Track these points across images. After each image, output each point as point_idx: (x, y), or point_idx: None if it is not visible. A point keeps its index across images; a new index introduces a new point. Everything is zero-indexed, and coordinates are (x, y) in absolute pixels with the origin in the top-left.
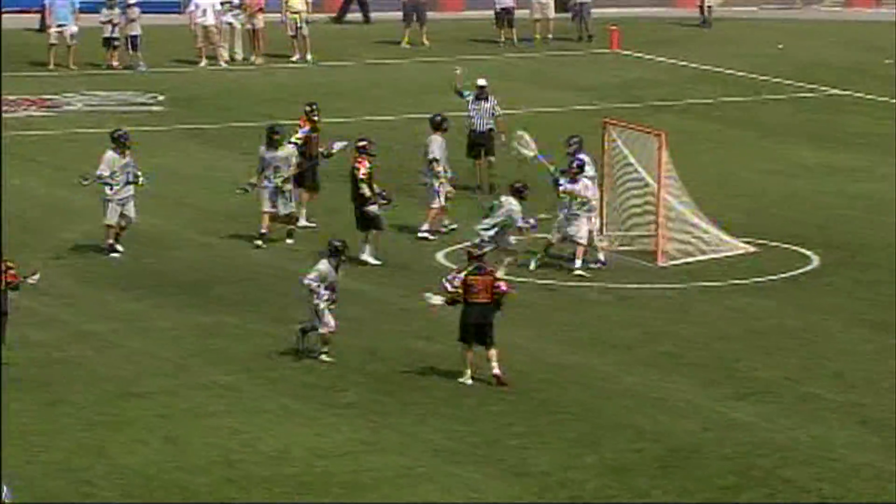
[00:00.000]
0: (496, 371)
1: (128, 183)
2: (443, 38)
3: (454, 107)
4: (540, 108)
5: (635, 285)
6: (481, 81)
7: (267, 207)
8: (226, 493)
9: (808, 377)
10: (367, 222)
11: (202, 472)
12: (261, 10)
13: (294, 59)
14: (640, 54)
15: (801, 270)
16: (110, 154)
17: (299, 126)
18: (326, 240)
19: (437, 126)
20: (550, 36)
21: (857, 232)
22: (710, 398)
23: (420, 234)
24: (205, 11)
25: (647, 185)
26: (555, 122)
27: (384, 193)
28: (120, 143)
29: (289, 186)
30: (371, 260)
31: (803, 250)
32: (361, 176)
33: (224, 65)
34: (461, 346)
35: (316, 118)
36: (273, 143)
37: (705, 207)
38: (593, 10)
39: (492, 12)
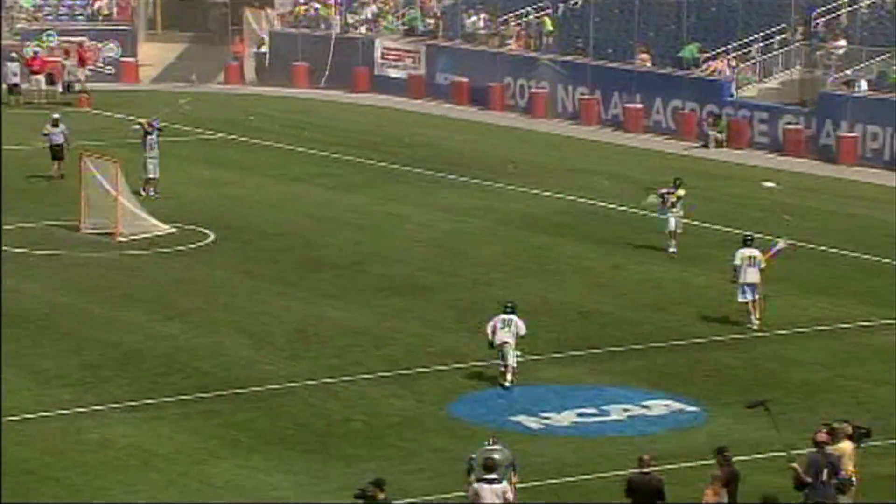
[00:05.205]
0: None
1: None
2: None
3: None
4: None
5: (104, 254)
6: (56, 115)
7: None
8: None
9: (215, 305)
10: None
11: None
12: None
13: None
14: (97, 111)
15: (204, 242)
16: None
17: None
18: None
19: None
20: (44, 101)
21: (236, 218)
22: (149, 320)
23: None
24: None
25: (107, 192)
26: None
27: None
28: None
29: None
30: None
31: (205, 230)
32: None
33: None
34: None
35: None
36: None
37: (147, 205)
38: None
39: (6, 85)
